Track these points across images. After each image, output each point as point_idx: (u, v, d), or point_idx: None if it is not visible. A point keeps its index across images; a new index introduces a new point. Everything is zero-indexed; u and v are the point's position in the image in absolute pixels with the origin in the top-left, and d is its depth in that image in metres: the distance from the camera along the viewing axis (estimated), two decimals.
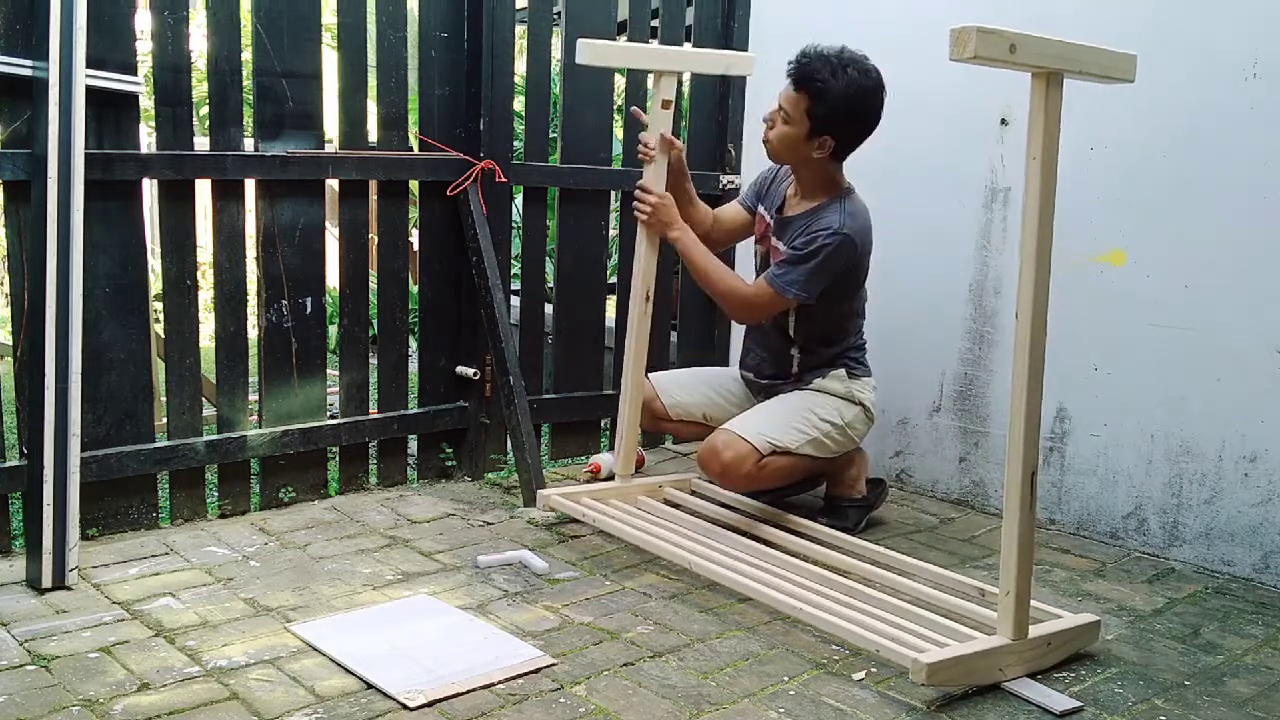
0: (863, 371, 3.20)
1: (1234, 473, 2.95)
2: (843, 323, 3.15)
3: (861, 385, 3.17)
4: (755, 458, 2.99)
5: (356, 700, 2.15)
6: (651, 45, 3.77)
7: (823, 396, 3.13)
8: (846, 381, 3.15)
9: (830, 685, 2.29)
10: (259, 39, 3.08)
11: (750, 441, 3.00)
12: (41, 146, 2.62)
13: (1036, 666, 2.35)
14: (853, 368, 3.17)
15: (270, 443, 3.22)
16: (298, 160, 3.17)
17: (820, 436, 3.08)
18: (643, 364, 3.28)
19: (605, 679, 2.27)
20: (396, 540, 3.04)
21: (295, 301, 3.25)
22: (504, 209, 3.61)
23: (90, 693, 2.14)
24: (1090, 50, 2.18)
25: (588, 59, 3.09)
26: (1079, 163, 3.09)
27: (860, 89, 2.91)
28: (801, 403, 3.12)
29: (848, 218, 2.97)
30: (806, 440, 3.06)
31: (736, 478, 3.03)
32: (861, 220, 3.01)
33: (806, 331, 3.14)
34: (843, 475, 3.29)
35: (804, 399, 3.13)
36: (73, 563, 2.64)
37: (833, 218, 2.97)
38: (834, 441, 3.12)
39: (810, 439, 3.07)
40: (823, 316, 3.10)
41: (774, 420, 3.07)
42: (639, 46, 3.58)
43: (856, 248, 2.98)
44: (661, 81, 3.16)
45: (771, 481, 3.11)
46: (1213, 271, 2.95)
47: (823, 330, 3.14)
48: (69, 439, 2.63)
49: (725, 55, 3.55)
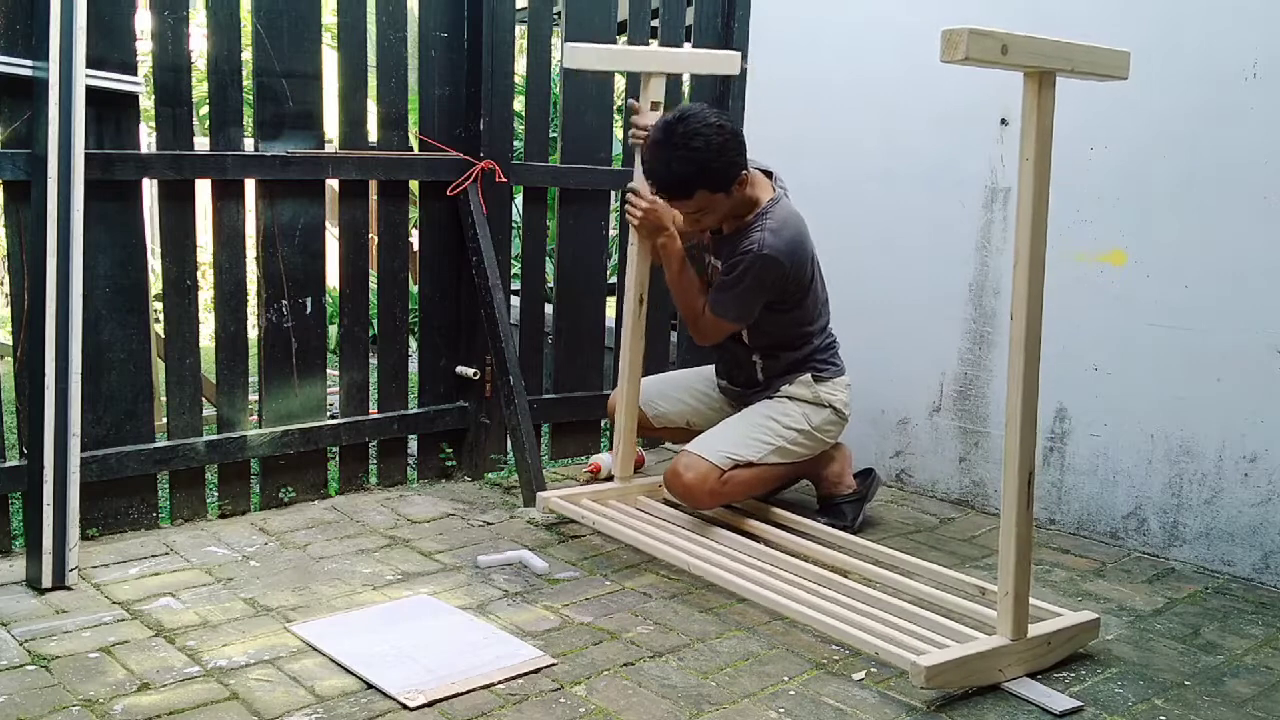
0: (832, 373, 3.19)
1: (1234, 473, 2.95)
2: (797, 329, 3.14)
3: (831, 387, 3.17)
4: (716, 475, 3.03)
5: (356, 700, 2.15)
6: (637, 47, 3.76)
7: (789, 404, 3.15)
8: (813, 385, 3.15)
9: (830, 685, 2.29)
10: (259, 39, 3.08)
11: (710, 460, 3.04)
12: (41, 146, 2.62)
13: (1036, 666, 2.35)
14: (819, 370, 3.17)
15: (270, 443, 3.22)
16: (298, 160, 3.17)
17: (785, 444, 3.11)
18: (639, 366, 3.28)
19: (605, 679, 2.27)
20: (396, 540, 3.04)
21: (295, 301, 3.25)
22: (504, 209, 3.61)
23: (90, 693, 2.14)
24: (1083, 48, 2.18)
25: (574, 63, 3.11)
26: (1079, 163, 3.09)
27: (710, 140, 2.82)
28: (765, 412, 3.15)
29: (769, 234, 2.94)
30: (770, 450, 3.09)
31: (700, 496, 3.06)
32: (788, 234, 2.96)
33: (762, 341, 3.16)
34: (825, 474, 3.30)
35: (768, 408, 3.15)
36: (73, 563, 2.64)
37: (755, 236, 2.95)
38: (801, 447, 3.14)
39: (774, 448, 3.10)
40: (771, 327, 3.11)
41: (735, 435, 3.11)
42: (625, 49, 3.57)
43: (782, 264, 2.96)
44: (650, 83, 3.17)
45: (741, 494, 3.14)
46: (1213, 271, 2.95)
47: (778, 338, 3.15)
48: (69, 439, 2.63)
49: (712, 55, 3.55)
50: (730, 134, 2.88)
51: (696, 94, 3.97)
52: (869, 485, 3.34)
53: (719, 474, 3.04)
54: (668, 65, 3.34)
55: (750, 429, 3.12)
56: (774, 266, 2.95)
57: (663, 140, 2.86)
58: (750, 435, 3.10)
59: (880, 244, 3.65)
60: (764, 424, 3.12)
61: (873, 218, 3.67)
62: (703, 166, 2.84)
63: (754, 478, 3.11)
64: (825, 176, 3.71)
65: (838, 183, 3.72)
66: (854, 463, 3.40)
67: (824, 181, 3.68)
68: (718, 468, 3.04)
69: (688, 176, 2.86)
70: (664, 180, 2.91)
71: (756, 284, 2.97)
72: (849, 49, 3.72)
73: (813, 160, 3.73)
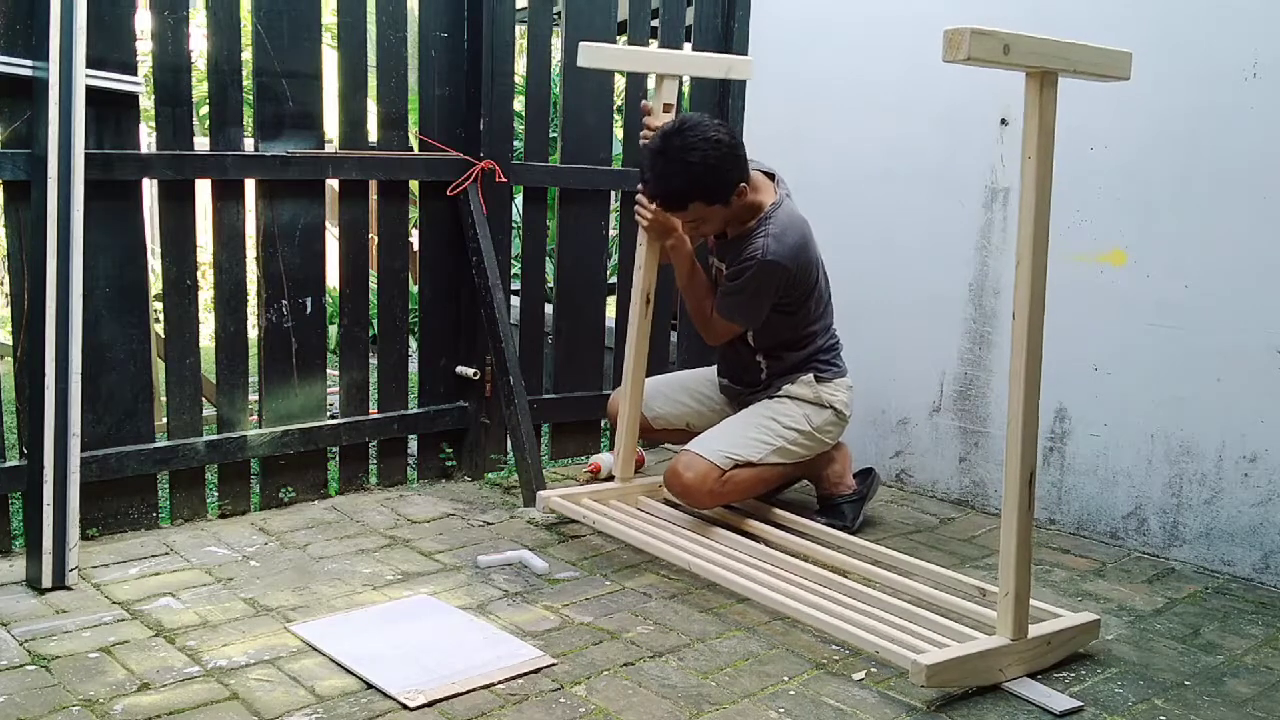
0: (834, 373, 3.19)
1: (1234, 473, 2.95)
2: (802, 330, 3.15)
3: (833, 388, 3.17)
4: (716, 474, 3.03)
5: (356, 700, 2.15)
6: (653, 49, 3.77)
7: (790, 404, 3.15)
8: (815, 386, 3.15)
9: (830, 685, 2.29)
10: (259, 39, 3.08)
11: (710, 459, 3.04)
12: (41, 146, 2.62)
13: (1036, 666, 2.35)
14: (822, 370, 3.17)
15: (270, 443, 3.22)
16: (298, 160, 3.17)
17: (786, 445, 3.11)
18: (643, 366, 3.28)
19: (605, 679, 2.27)
20: (396, 540, 3.04)
21: (295, 301, 3.25)
22: (504, 209, 3.61)
23: (90, 693, 2.14)
24: (1085, 49, 2.18)
25: (589, 62, 3.10)
26: (1079, 162, 3.09)
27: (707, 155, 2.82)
28: (765, 412, 3.15)
29: (771, 241, 2.94)
30: (771, 450, 3.09)
31: (700, 495, 3.06)
32: (791, 239, 2.97)
33: (767, 341, 3.16)
34: (826, 474, 3.30)
35: (768, 408, 3.16)
36: (73, 563, 2.64)
37: (759, 243, 2.96)
38: (801, 447, 3.15)
39: (775, 448, 3.10)
40: (778, 328, 3.12)
41: (735, 435, 3.11)
42: (641, 50, 3.58)
43: (787, 269, 2.97)
44: (663, 85, 3.17)
45: (740, 494, 3.14)
46: (1213, 271, 2.95)
47: (783, 339, 3.15)
48: (69, 439, 2.63)
49: (726, 59, 3.55)
50: (728, 148, 2.87)
51: (696, 93, 3.97)
52: (869, 485, 3.34)
53: (719, 474, 3.04)
54: (682, 68, 3.35)
55: (750, 429, 3.12)
56: (778, 272, 2.96)
57: (660, 152, 2.86)
58: (750, 435, 3.10)
59: (880, 244, 3.65)
60: (764, 424, 3.12)
61: (873, 218, 3.67)
62: (696, 180, 2.85)
63: (754, 478, 3.11)
64: (825, 176, 3.71)
65: (838, 182, 3.72)
66: (854, 463, 3.40)
67: (824, 181, 3.69)
68: (718, 468, 3.04)
69: (682, 190, 2.87)
70: (659, 192, 2.92)
71: (761, 290, 2.99)
72: (849, 49, 3.72)
73: (812, 160, 3.74)
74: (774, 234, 2.96)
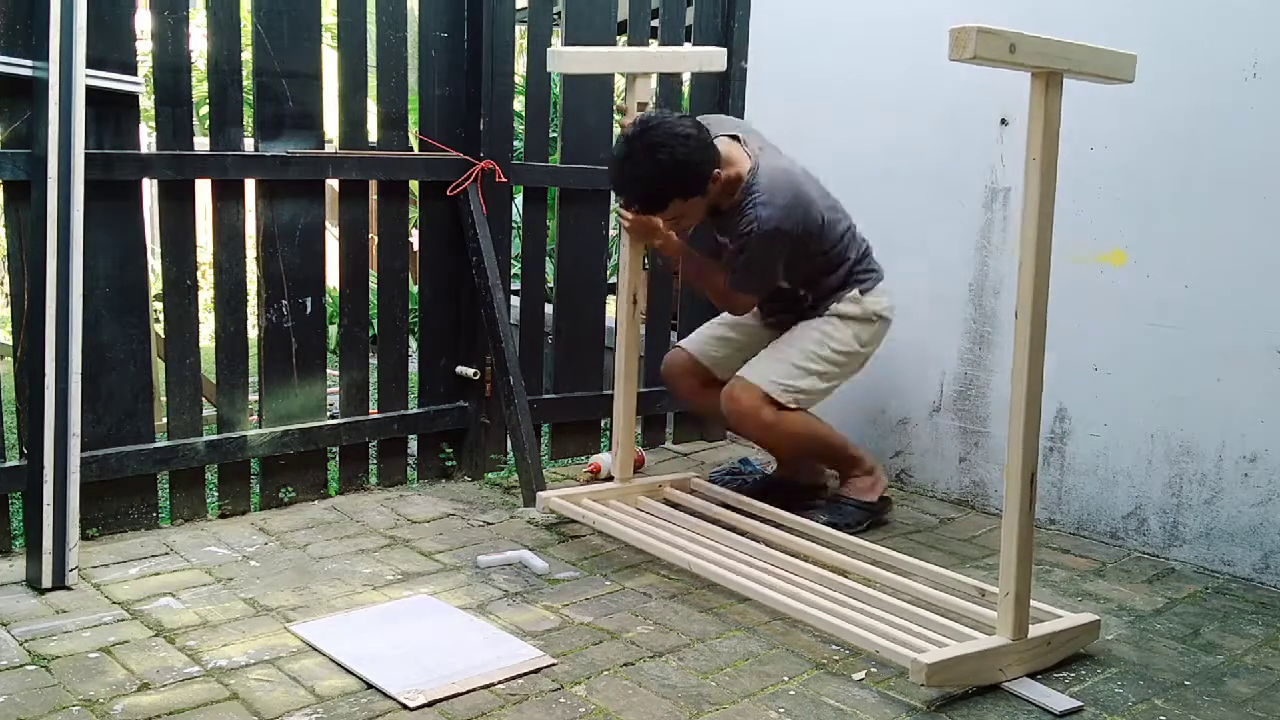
0: (874, 280, 3.19)
1: (1234, 473, 2.95)
2: (832, 255, 3.13)
3: (876, 296, 3.18)
4: (772, 407, 3.06)
5: (356, 700, 2.15)
6: (620, 48, 3.76)
7: (839, 323, 3.15)
8: (861, 301, 3.15)
9: (830, 685, 2.29)
10: (259, 39, 3.08)
11: (763, 389, 3.06)
12: (41, 146, 2.62)
13: (1036, 666, 2.35)
14: (863, 281, 3.17)
15: (270, 443, 3.22)
16: (298, 160, 3.17)
17: (833, 369, 3.14)
18: (634, 367, 3.29)
19: (605, 679, 2.27)
20: (396, 540, 3.04)
21: (295, 301, 3.25)
22: (504, 209, 3.61)
23: (90, 693, 2.14)
24: (1090, 50, 2.19)
25: (557, 67, 3.12)
26: (1079, 163, 3.09)
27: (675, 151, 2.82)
28: (814, 335, 3.14)
29: (762, 209, 2.92)
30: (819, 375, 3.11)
31: (752, 426, 3.12)
32: (781, 199, 2.94)
33: (800, 279, 3.15)
34: (854, 478, 3.30)
35: (818, 329, 3.14)
36: (73, 563, 2.64)
37: (750, 213, 2.94)
38: (849, 366, 3.19)
39: (822, 372, 3.12)
40: (805, 267, 3.11)
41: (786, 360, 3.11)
42: (607, 51, 3.54)
43: (786, 232, 2.96)
44: (635, 84, 3.16)
45: (788, 442, 3.18)
46: (1213, 271, 2.95)
47: (816, 272, 3.14)
48: (69, 439, 2.63)
49: (696, 53, 3.54)
50: (695, 141, 2.85)
51: (697, 94, 3.97)
52: (885, 511, 3.34)
53: (774, 407, 3.05)
54: (652, 65, 3.33)
55: (799, 355, 3.11)
56: (779, 237, 2.96)
57: (627, 156, 2.85)
58: (799, 362, 3.10)
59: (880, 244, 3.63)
60: (813, 348, 3.12)
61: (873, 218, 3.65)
62: (669, 177, 2.84)
63: (807, 431, 3.14)
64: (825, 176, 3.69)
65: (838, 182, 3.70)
66: None
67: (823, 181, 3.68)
68: (773, 400, 3.05)
69: (657, 190, 2.87)
70: (635, 197, 2.91)
71: (768, 257, 3.00)
72: (849, 49, 3.72)
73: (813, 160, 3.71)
74: (762, 201, 2.93)
